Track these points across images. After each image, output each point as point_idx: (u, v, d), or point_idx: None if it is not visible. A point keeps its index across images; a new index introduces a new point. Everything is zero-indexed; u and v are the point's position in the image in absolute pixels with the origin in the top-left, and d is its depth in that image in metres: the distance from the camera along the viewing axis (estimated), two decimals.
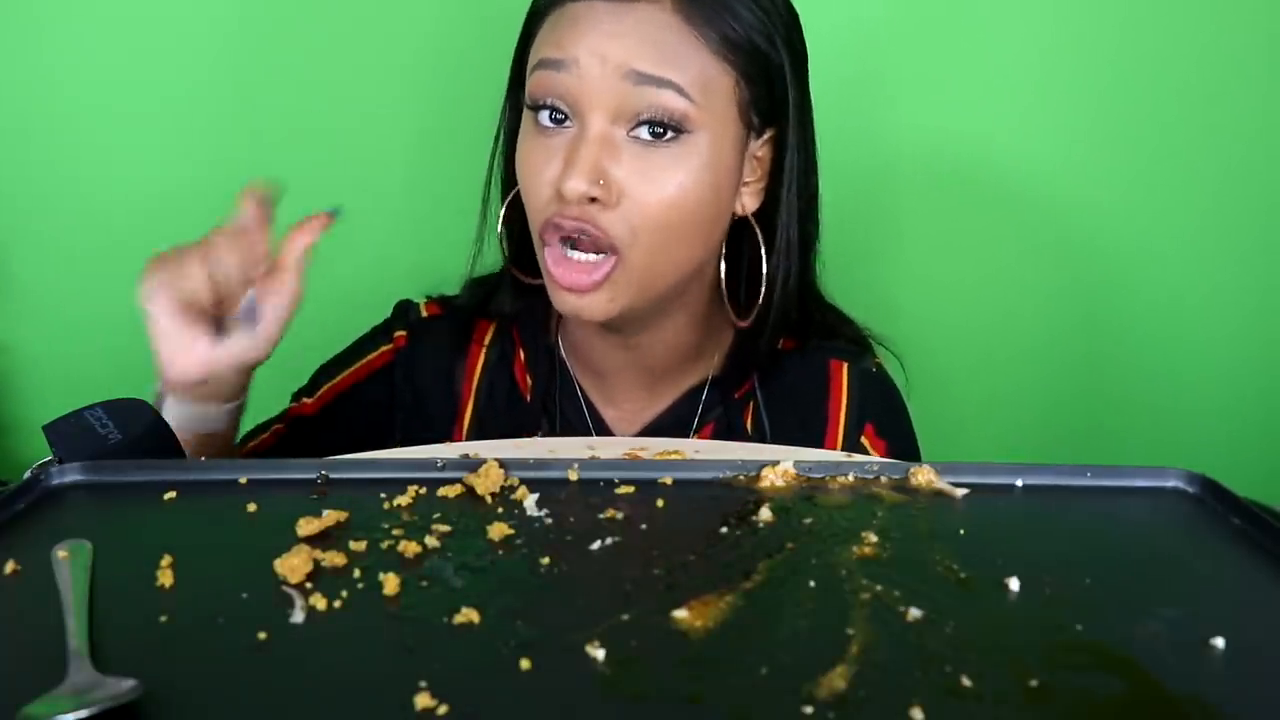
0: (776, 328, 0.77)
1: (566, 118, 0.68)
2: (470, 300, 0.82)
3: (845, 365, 0.82)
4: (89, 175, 1.08)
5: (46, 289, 1.11)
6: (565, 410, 0.81)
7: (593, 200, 0.67)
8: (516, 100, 0.75)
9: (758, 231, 0.75)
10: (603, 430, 0.81)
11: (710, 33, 0.67)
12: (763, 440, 0.78)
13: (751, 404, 0.80)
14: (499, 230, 0.78)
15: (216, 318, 0.65)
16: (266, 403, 0.87)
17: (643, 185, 0.67)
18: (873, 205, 1.10)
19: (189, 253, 0.64)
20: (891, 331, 0.85)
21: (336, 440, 0.78)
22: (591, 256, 0.69)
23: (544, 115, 0.69)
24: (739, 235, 0.76)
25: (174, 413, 0.67)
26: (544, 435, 0.79)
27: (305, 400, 0.83)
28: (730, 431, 0.79)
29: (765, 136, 0.73)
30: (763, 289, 0.75)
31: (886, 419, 0.82)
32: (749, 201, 0.74)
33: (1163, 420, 1.15)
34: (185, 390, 0.66)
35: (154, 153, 1.09)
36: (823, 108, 0.76)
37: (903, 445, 0.83)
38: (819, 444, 0.79)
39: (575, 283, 0.69)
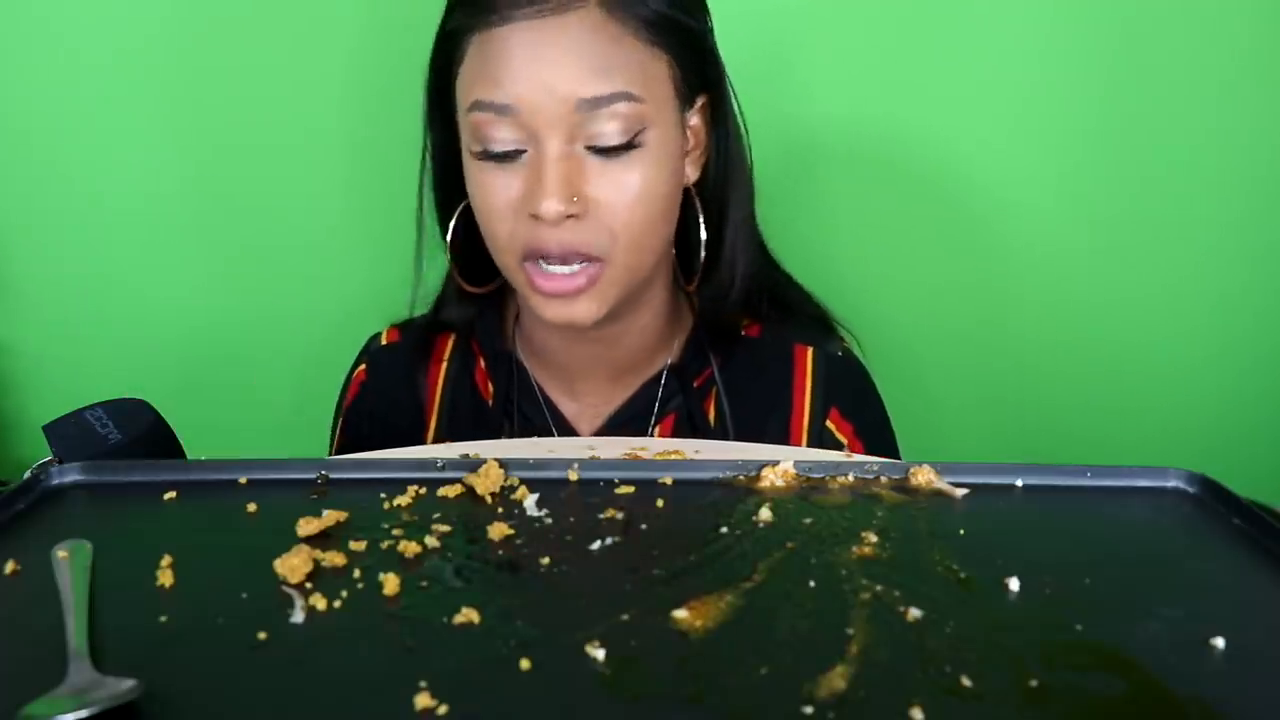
0: (740, 291, 0.78)
1: (513, 151, 0.68)
2: (426, 317, 0.83)
3: (810, 350, 0.81)
4: (88, 176, 1.08)
5: (46, 289, 1.11)
6: (525, 410, 0.81)
7: (569, 216, 0.67)
8: (442, 120, 0.75)
9: (697, 202, 0.76)
10: (563, 428, 0.81)
11: (636, 23, 0.67)
12: (724, 429, 0.78)
13: (713, 391, 0.80)
14: (446, 243, 0.78)
15: None
16: (267, 408, 0.87)
17: (612, 194, 0.68)
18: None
19: None
20: (889, 331, 0.85)
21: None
22: (574, 267, 0.69)
23: (492, 149, 0.68)
24: (682, 206, 0.76)
25: None
26: (507, 438, 0.80)
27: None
28: (690, 420, 0.79)
29: (697, 105, 0.74)
30: (722, 253, 0.77)
31: (852, 401, 0.81)
32: (691, 172, 0.75)
33: (1163, 420, 1.15)
34: None
35: (154, 154, 1.09)
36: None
37: (872, 428, 0.82)
38: (784, 430, 0.79)
39: (561, 288, 0.69)
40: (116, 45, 1.05)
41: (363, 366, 0.85)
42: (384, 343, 0.85)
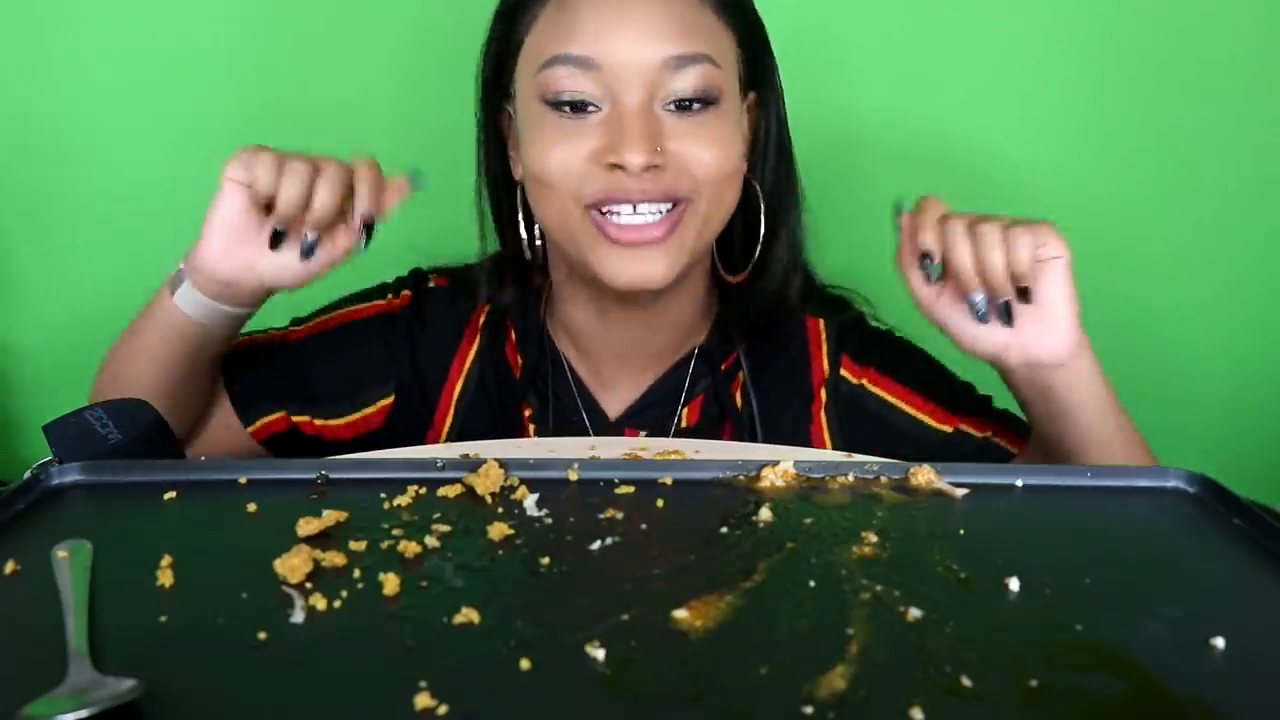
0: (782, 290, 0.78)
1: (588, 104, 0.67)
2: (473, 283, 0.82)
3: (822, 321, 0.82)
4: (89, 175, 1.08)
5: (46, 289, 1.11)
6: (556, 389, 0.81)
7: (650, 168, 0.66)
8: (499, 93, 0.75)
9: (758, 189, 0.76)
10: (591, 406, 0.81)
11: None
12: (750, 412, 0.79)
13: (739, 375, 0.80)
14: (520, 222, 0.77)
15: (275, 231, 0.66)
16: None
17: (693, 149, 0.68)
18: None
19: (293, 163, 0.66)
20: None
21: (319, 370, 0.80)
22: (657, 207, 0.68)
23: (565, 107, 0.68)
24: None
25: (185, 297, 0.70)
26: (532, 412, 0.80)
27: (292, 329, 0.83)
28: (718, 401, 0.80)
29: (747, 101, 0.75)
30: (773, 252, 0.77)
31: (862, 344, 0.82)
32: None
33: (1163, 420, 1.15)
34: (206, 281, 0.69)
35: (154, 152, 1.09)
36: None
37: (899, 359, 0.82)
38: (807, 402, 0.80)
39: (639, 237, 0.68)
40: (119, 46, 1.05)
41: (408, 293, 0.83)
42: (432, 285, 0.84)
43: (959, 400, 0.81)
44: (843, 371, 0.81)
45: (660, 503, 0.53)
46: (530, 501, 0.53)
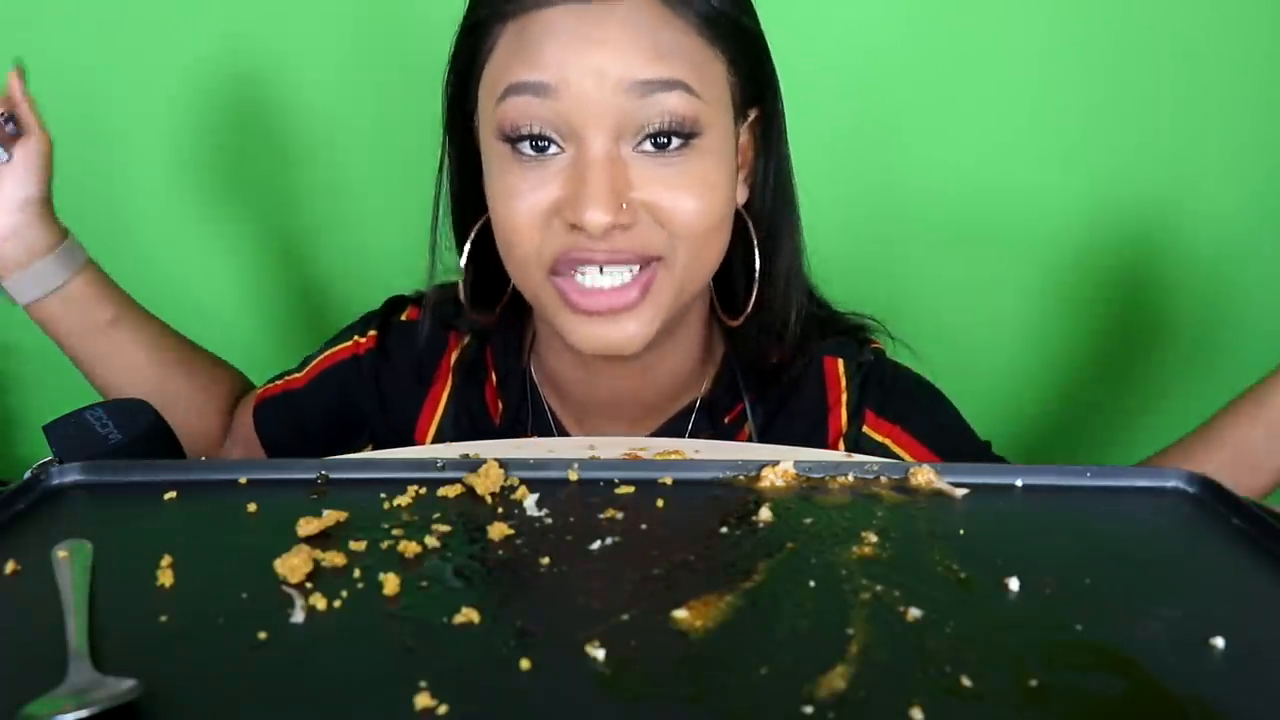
0: (789, 330, 0.73)
1: (551, 143, 0.61)
2: (442, 313, 0.77)
3: (840, 361, 0.76)
4: (88, 175, 1.08)
5: None
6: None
7: (615, 227, 0.61)
8: (463, 126, 0.69)
9: (749, 223, 0.70)
10: None
11: (694, 18, 0.61)
12: None
13: (746, 429, 0.75)
14: (461, 267, 0.71)
15: None
16: None
17: (668, 199, 0.62)
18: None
19: None
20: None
21: (318, 416, 0.80)
22: (626, 267, 0.63)
23: (524, 145, 0.61)
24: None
25: (13, 288, 0.76)
26: None
27: (295, 375, 0.83)
28: None
29: (749, 119, 0.69)
30: (774, 289, 0.71)
31: (886, 398, 0.76)
32: (740, 193, 0.69)
33: (1163, 421, 1.15)
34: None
35: (152, 152, 1.09)
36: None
37: (929, 424, 0.76)
38: (821, 447, 0.74)
39: (607, 304, 0.63)
40: (118, 43, 1.05)
41: (374, 333, 0.79)
42: (404, 318, 0.79)
43: (980, 461, 0.76)
44: (866, 429, 0.74)
45: (660, 503, 0.53)
46: (530, 501, 0.53)
